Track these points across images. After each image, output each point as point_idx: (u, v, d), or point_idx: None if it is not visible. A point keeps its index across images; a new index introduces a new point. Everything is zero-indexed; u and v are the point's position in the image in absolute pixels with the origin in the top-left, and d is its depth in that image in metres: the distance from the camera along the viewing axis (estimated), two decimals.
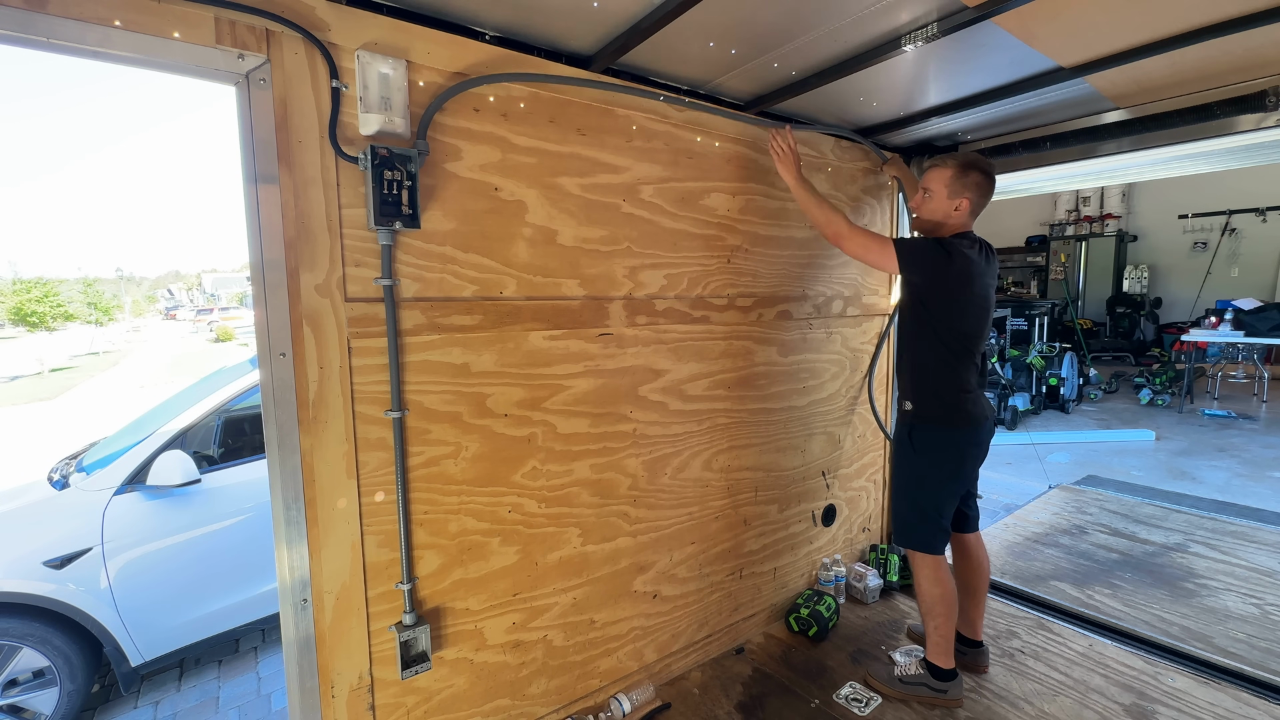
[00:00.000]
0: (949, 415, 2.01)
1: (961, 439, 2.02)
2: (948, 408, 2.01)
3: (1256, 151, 2.54)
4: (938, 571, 2.06)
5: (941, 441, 2.03)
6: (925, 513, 2.06)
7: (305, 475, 1.45)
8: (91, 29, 1.16)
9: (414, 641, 1.64)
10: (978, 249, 1.99)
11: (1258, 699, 2.13)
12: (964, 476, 2.10)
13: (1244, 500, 4.32)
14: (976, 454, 2.08)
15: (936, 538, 2.06)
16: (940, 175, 1.99)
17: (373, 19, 1.45)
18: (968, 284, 1.94)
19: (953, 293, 1.95)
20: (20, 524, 2.56)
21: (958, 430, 2.01)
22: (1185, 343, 7.21)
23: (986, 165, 1.98)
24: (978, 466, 2.12)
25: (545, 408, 1.85)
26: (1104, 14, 1.57)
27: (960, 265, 1.91)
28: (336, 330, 1.47)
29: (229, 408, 2.98)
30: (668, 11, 1.49)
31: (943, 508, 2.07)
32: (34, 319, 26.86)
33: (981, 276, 1.98)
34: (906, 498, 2.11)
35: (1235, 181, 8.92)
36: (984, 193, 1.99)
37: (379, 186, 1.43)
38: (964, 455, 2.05)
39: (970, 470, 2.11)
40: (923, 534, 2.07)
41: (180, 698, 2.78)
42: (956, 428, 2.01)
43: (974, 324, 2.00)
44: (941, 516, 2.07)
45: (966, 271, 1.92)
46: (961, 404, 2.00)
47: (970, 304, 1.97)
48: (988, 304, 2.03)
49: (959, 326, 1.98)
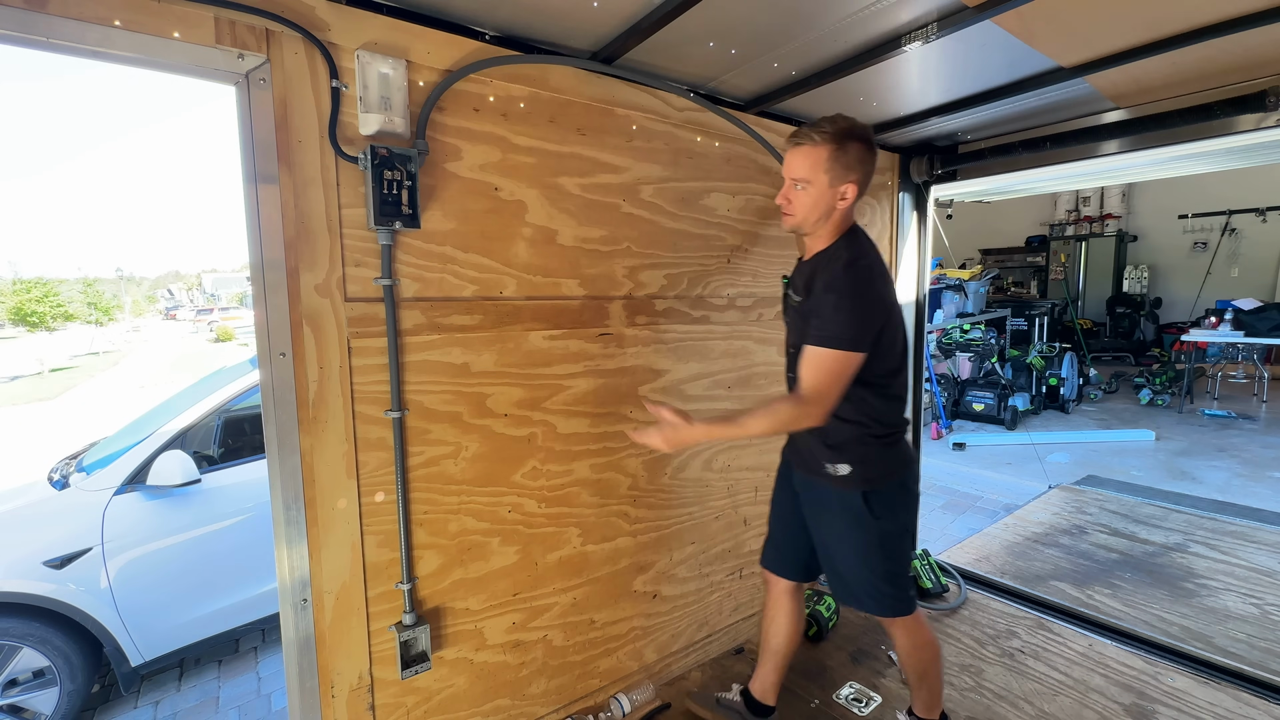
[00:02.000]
0: (897, 465, 1.66)
1: (912, 480, 1.73)
2: (895, 457, 1.66)
3: (1256, 151, 2.54)
4: (921, 625, 1.78)
5: (899, 497, 1.68)
6: (899, 575, 1.72)
7: (305, 475, 1.45)
8: (91, 29, 1.16)
9: (414, 641, 1.64)
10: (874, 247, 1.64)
11: (1258, 699, 2.13)
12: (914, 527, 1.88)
13: (1244, 500, 4.31)
14: (918, 498, 1.83)
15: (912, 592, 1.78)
16: (813, 157, 1.51)
17: (372, 19, 1.45)
18: (888, 297, 1.57)
19: (882, 319, 1.53)
20: (20, 524, 2.56)
21: (908, 475, 1.71)
22: (1185, 343, 7.20)
23: (865, 130, 1.54)
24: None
25: (545, 408, 1.85)
26: (1104, 14, 1.57)
27: (888, 281, 1.56)
28: (336, 330, 1.47)
29: (229, 408, 2.98)
30: (667, 11, 1.49)
31: (909, 561, 1.80)
32: (34, 319, 26.86)
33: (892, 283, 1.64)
34: (875, 570, 1.69)
35: (1235, 181, 8.90)
36: (869, 167, 1.56)
37: (379, 186, 1.43)
38: (916, 503, 1.81)
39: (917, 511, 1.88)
40: (906, 598, 1.73)
41: (180, 698, 2.78)
42: (908, 474, 1.70)
43: (902, 346, 1.64)
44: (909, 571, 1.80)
45: (891, 286, 1.58)
46: (903, 447, 1.68)
47: (897, 324, 1.59)
48: (903, 317, 1.68)
49: (890, 357, 1.59)
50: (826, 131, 1.49)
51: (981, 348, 6.81)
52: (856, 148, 1.51)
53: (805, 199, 1.54)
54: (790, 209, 1.58)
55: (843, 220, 1.59)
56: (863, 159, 1.53)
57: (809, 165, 1.52)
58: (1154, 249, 10.29)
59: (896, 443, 1.65)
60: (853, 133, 1.51)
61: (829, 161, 1.50)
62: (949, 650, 2.44)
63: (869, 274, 1.52)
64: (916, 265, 3.04)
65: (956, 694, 2.19)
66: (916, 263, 3.04)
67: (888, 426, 1.63)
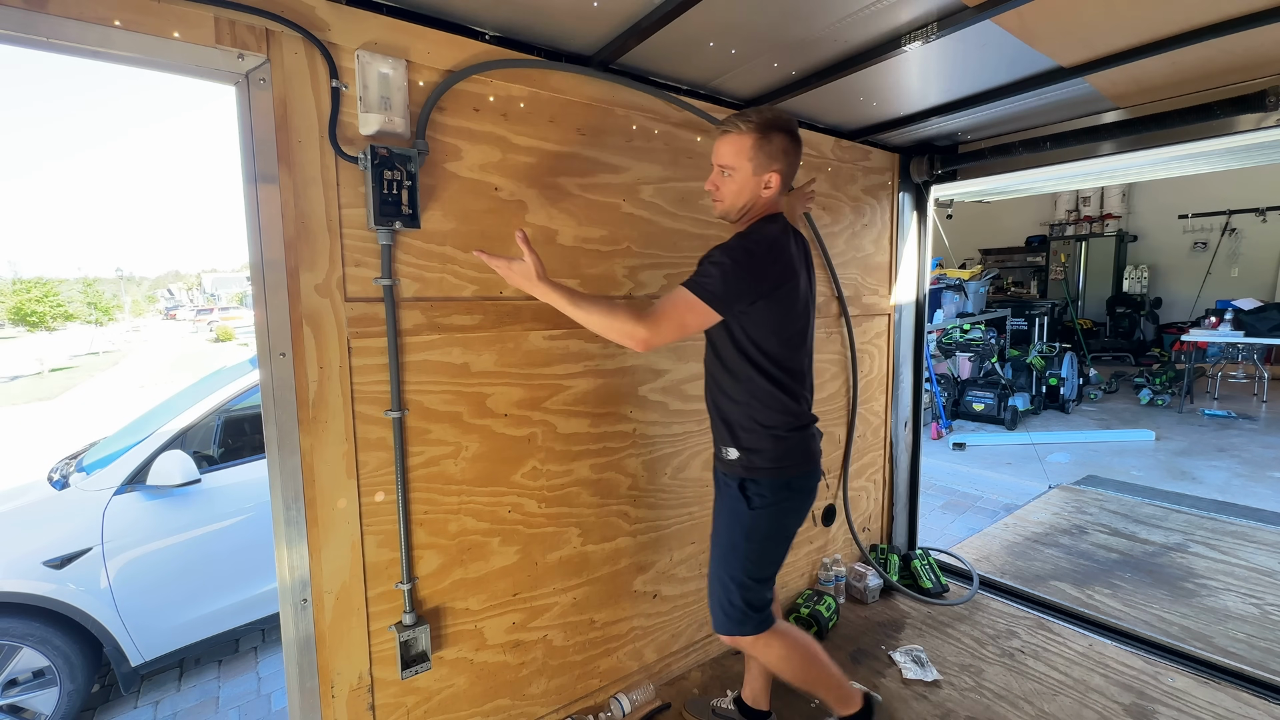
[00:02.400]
0: (787, 461, 1.61)
1: (801, 481, 1.65)
2: (785, 452, 1.61)
3: (1256, 151, 2.54)
4: (775, 637, 1.68)
5: (781, 495, 1.61)
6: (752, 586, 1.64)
7: (305, 475, 1.45)
8: (91, 29, 1.16)
9: (414, 641, 1.64)
10: (790, 235, 1.61)
11: (1258, 699, 2.13)
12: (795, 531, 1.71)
13: (1244, 500, 4.31)
14: (806, 504, 1.70)
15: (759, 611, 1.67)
16: (738, 145, 1.52)
17: (372, 19, 1.45)
18: (789, 281, 1.54)
19: (773, 300, 1.52)
20: (20, 524, 2.56)
21: (798, 476, 1.64)
22: (1185, 343, 7.20)
23: (789, 122, 1.54)
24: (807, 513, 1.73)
25: (545, 408, 1.85)
26: (1104, 14, 1.57)
27: (781, 260, 1.53)
28: (336, 330, 1.47)
29: (229, 408, 2.98)
30: (667, 11, 1.49)
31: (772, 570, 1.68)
32: (34, 319, 26.87)
33: (802, 270, 1.62)
34: (732, 573, 1.64)
35: (1235, 181, 8.91)
36: (793, 159, 1.57)
37: (379, 186, 1.43)
38: (803, 508, 1.68)
39: (803, 519, 1.72)
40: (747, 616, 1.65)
41: (180, 698, 2.78)
42: (798, 474, 1.63)
43: (800, 343, 1.63)
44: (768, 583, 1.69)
45: (788, 267, 1.54)
46: (797, 444, 1.63)
47: (793, 309, 1.57)
48: (810, 306, 1.66)
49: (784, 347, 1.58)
50: (752, 121, 1.51)
51: (981, 348, 6.81)
52: (780, 139, 1.52)
53: (730, 186, 1.56)
54: (718, 195, 1.60)
55: (765, 210, 1.60)
56: (786, 150, 1.54)
57: (733, 152, 1.53)
58: (1154, 249, 10.29)
59: (787, 438, 1.61)
60: (777, 124, 1.52)
61: (753, 150, 1.51)
62: (948, 650, 2.44)
63: (762, 249, 1.49)
64: (916, 265, 3.04)
65: (956, 694, 2.19)
66: (916, 263, 3.04)
67: (779, 416, 1.59)
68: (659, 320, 1.45)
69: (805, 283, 1.63)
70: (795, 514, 1.68)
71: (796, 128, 1.56)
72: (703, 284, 1.46)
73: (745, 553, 1.63)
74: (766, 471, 1.61)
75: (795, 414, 1.63)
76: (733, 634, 1.68)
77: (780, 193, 1.58)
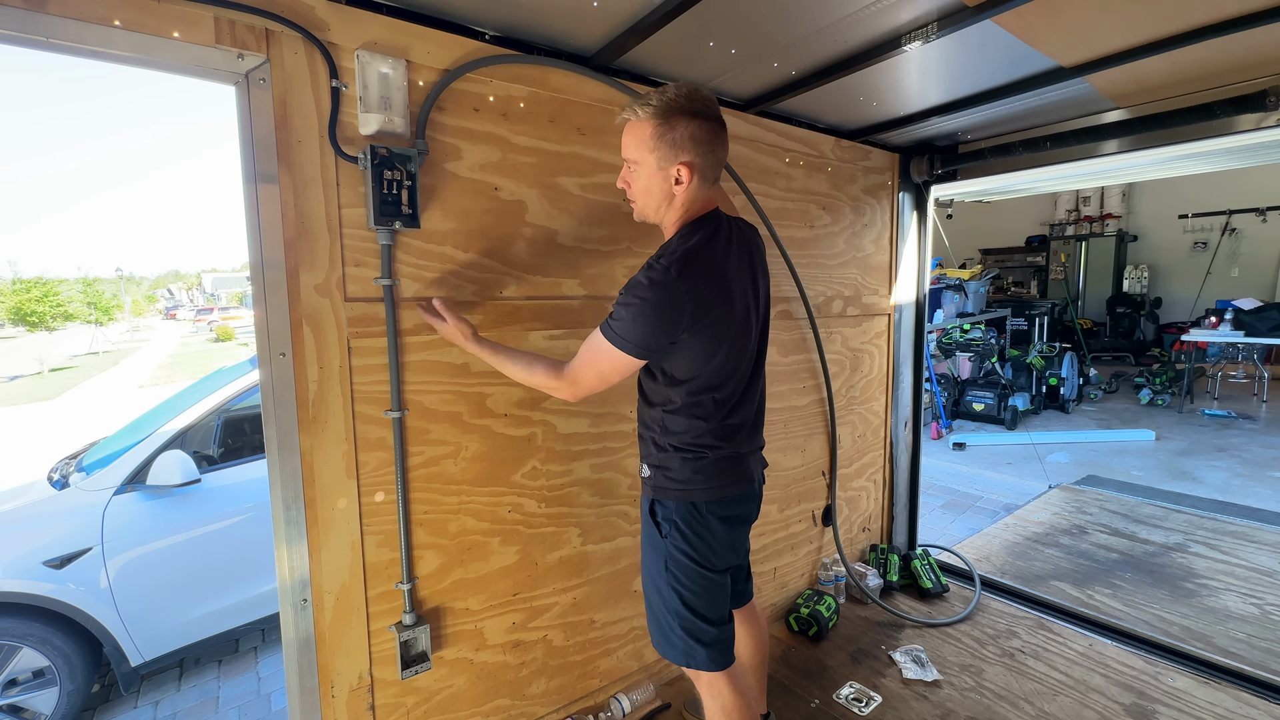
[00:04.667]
0: (698, 486, 1.42)
1: (716, 510, 1.44)
2: (698, 476, 1.42)
3: (1256, 151, 2.54)
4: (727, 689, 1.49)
5: (692, 521, 1.42)
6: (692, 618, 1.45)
7: (305, 475, 1.45)
8: (91, 29, 1.16)
9: (414, 641, 1.64)
10: (727, 236, 1.37)
11: (1258, 699, 2.13)
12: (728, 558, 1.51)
13: (1244, 500, 4.31)
14: (741, 530, 1.53)
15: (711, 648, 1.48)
16: (637, 134, 1.31)
17: (372, 18, 1.45)
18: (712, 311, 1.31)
19: (695, 333, 1.31)
20: (20, 524, 2.56)
21: (713, 503, 1.43)
22: (1185, 343, 7.21)
23: (700, 102, 1.29)
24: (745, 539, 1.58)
25: (545, 408, 1.85)
26: (1104, 14, 1.57)
27: (699, 288, 1.28)
28: (336, 330, 1.47)
29: (229, 408, 2.98)
30: (667, 11, 1.49)
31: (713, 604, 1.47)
32: (34, 319, 26.83)
33: (739, 281, 1.38)
34: (667, 601, 1.48)
35: (1235, 181, 8.91)
36: (711, 145, 1.31)
37: (379, 186, 1.43)
38: (727, 537, 1.47)
39: (738, 545, 1.54)
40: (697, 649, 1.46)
41: (180, 698, 2.78)
42: (712, 501, 1.43)
43: (735, 357, 1.40)
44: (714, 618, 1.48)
45: (710, 294, 1.30)
46: (716, 469, 1.42)
47: (723, 335, 1.35)
48: (751, 319, 1.43)
49: (714, 371, 1.37)
50: (650, 105, 1.28)
51: (981, 348, 6.81)
52: (687, 124, 1.27)
53: (638, 184, 1.35)
54: (630, 195, 1.40)
55: (686, 209, 1.36)
56: (696, 138, 1.28)
57: (633, 144, 1.32)
58: (1154, 249, 10.29)
59: (702, 460, 1.41)
60: (680, 106, 1.27)
61: (652, 140, 1.29)
62: (948, 650, 2.44)
63: (673, 280, 1.25)
64: (916, 265, 3.04)
65: (957, 694, 2.19)
66: (916, 263, 3.04)
67: (692, 437, 1.40)
68: (574, 373, 1.37)
69: (745, 296, 1.40)
70: (719, 543, 1.45)
71: (711, 108, 1.31)
72: (614, 327, 1.29)
73: (671, 583, 1.45)
74: (673, 493, 1.43)
75: (716, 435, 1.42)
76: (679, 664, 1.50)
77: (701, 187, 1.34)
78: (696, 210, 1.38)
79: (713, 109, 1.32)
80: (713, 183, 1.38)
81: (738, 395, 1.44)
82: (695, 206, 1.37)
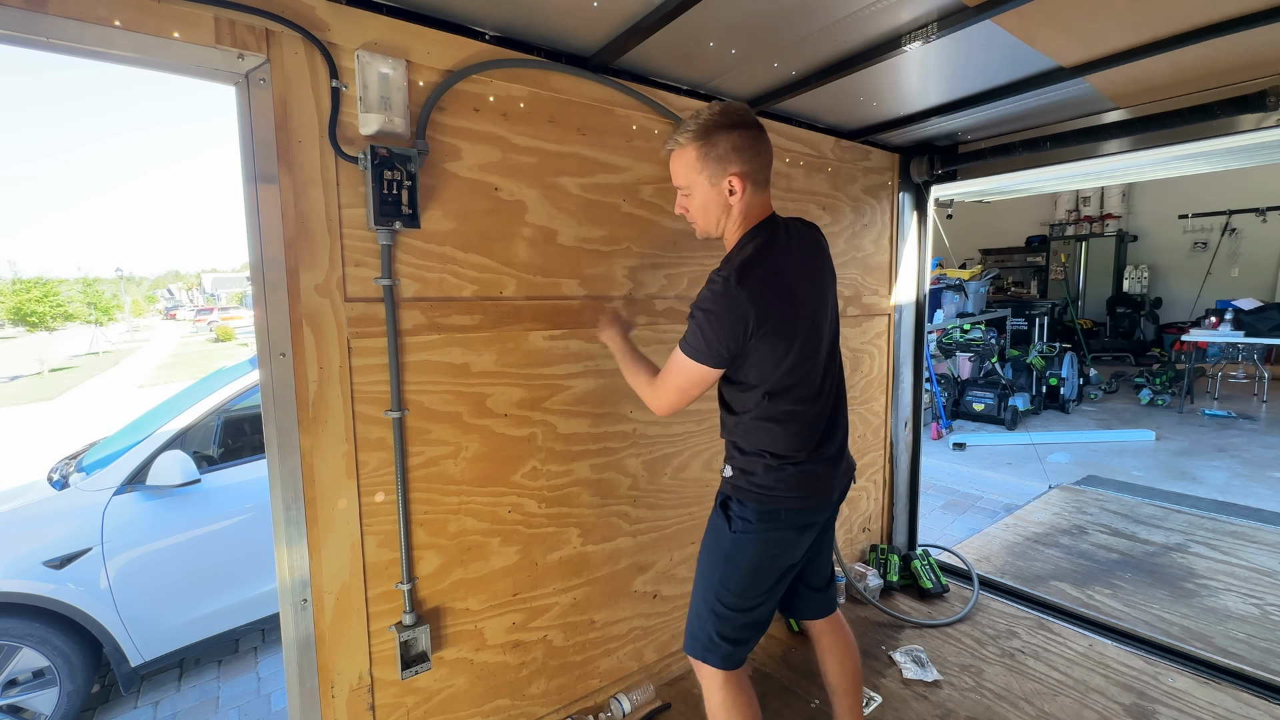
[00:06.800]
0: (777, 489, 1.44)
1: (788, 516, 1.46)
2: (777, 481, 1.44)
3: (1256, 151, 2.54)
4: (732, 690, 1.50)
5: (763, 524, 1.45)
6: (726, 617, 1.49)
7: (305, 475, 1.45)
8: (91, 29, 1.16)
9: (414, 641, 1.64)
10: (785, 240, 1.42)
11: (1258, 699, 2.13)
12: (788, 567, 1.54)
13: (1244, 500, 4.31)
14: (810, 534, 1.53)
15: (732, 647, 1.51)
16: (683, 161, 1.40)
17: (372, 19, 1.45)
18: (773, 314, 1.35)
19: (761, 338, 1.35)
20: (20, 524, 2.56)
21: (785, 509, 1.46)
22: (1185, 343, 7.20)
23: (736, 114, 1.36)
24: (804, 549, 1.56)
25: (545, 408, 1.85)
26: (1104, 14, 1.57)
27: (760, 293, 1.33)
28: (336, 330, 1.47)
29: (229, 408, 2.98)
30: (667, 11, 1.49)
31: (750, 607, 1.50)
32: (34, 319, 26.82)
33: (803, 281, 1.42)
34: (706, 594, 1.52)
35: (1235, 181, 8.91)
36: (756, 150, 1.38)
37: (379, 186, 1.43)
38: (795, 543, 1.50)
39: (796, 555, 1.54)
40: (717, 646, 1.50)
41: (180, 698, 2.78)
42: (784, 505, 1.45)
43: (807, 356, 1.43)
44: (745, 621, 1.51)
45: (773, 297, 1.35)
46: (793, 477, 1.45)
47: (789, 336, 1.39)
48: (820, 317, 1.46)
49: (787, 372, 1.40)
50: (690, 130, 1.37)
51: (981, 348, 6.81)
52: (727, 137, 1.35)
53: (695, 205, 1.43)
54: (690, 218, 1.48)
55: (744, 216, 1.42)
56: (739, 147, 1.36)
57: (682, 170, 1.41)
58: (1154, 249, 10.29)
59: (785, 470, 1.44)
60: (718, 123, 1.35)
61: (699, 161, 1.38)
62: (948, 650, 2.44)
63: (733, 289, 1.32)
64: (916, 265, 3.04)
65: (957, 694, 2.19)
66: (916, 263, 3.04)
67: (774, 443, 1.44)
68: (660, 387, 1.47)
69: (810, 295, 1.44)
70: (785, 547, 1.49)
71: (747, 116, 1.38)
72: (688, 341, 1.37)
73: (722, 577, 1.49)
74: (754, 494, 1.46)
75: (796, 441, 1.45)
76: (696, 656, 1.54)
77: (754, 193, 1.41)
78: (754, 217, 1.44)
79: (748, 117, 1.38)
80: (764, 186, 1.44)
81: (813, 395, 1.47)
82: (752, 214, 1.43)
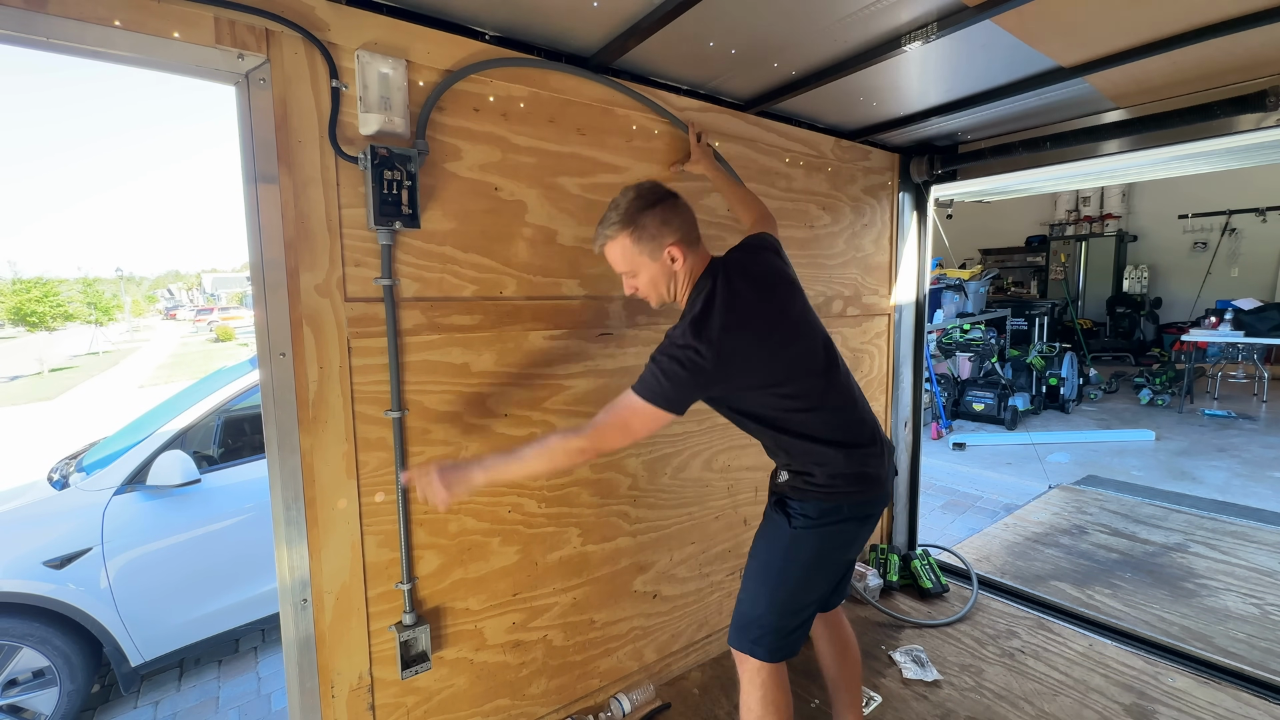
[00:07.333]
0: (834, 484, 1.47)
1: (855, 513, 1.50)
2: (834, 474, 1.47)
3: (1256, 151, 2.54)
4: (772, 685, 1.52)
5: (826, 520, 1.48)
6: (778, 611, 1.51)
7: (305, 475, 1.45)
8: (91, 29, 1.16)
9: (414, 641, 1.64)
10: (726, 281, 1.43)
11: (1258, 699, 2.13)
12: (847, 562, 1.61)
13: (1244, 500, 4.31)
14: (863, 531, 1.56)
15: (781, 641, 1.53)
16: (619, 250, 1.45)
17: (372, 19, 1.45)
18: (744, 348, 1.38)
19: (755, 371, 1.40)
20: (20, 524, 2.56)
21: (850, 504, 1.50)
22: (1185, 343, 7.20)
23: (649, 192, 1.44)
24: (864, 542, 1.61)
25: (545, 408, 1.85)
26: (1104, 14, 1.57)
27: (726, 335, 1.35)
28: (336, 330, 1.47)
29: (229, 408, 2.98)
30: (667, 11, 1.49)
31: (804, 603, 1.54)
32: (34, 319, 26.82)
33: (773, 296, 1.46)
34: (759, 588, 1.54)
35: (1235, 181, 8.90)
36: (680, 217, 1.46)
37: (379, 186, 1.43)
38: (855, 537, 1.54)
39: (857, 549, 1.61)
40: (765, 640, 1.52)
41: (180, 698, 2.78)
42: (850, 500, 1.49)
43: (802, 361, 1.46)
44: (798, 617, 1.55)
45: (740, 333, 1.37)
46: (847, 466, 1.47)
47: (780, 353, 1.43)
48: (802, 322, 1.50)
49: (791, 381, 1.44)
50: (615, 222, 1.43)
51: (981, 348, 6.81)
52: (651, 216, 1.42)
53: (644, 282, 1.49)
54: (642, 294, 1.52)
55: (690, 275, 1.48)
56: (665, 220, 1.43)
57: (622, 257, 1.46)
58: (1154, 249, 10.29)
59: (836, 472, 1.47)
60: (639, 207, 1.42)
61: (635, 245, 1.43)
62: (948, 650, 2.44)
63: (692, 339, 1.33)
64: (916, 265, 3.04)
65: (957, 694, 2.19)
66: (916, 263, 3.04)
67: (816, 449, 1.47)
68: (600, 430, 1.37)
69: (783, 305, 1.48)
70: (846, 541, 1.53)
71: (660, 190, 1.46)
72: (646, 383, 1.35)
73: (781, 571, 1.50)
74: (815, 494, 1.48)
75: (840, 435, 1.48)
76: (741, 649, 1.54)
77: (692, 252, 1.46)
78: (699, 272, 1.49)
79: (661, 190, 1.47)
80: (697, 242, 1.51)
81: (827, 395, 1.49)
82: (696, 269, 1.49)
